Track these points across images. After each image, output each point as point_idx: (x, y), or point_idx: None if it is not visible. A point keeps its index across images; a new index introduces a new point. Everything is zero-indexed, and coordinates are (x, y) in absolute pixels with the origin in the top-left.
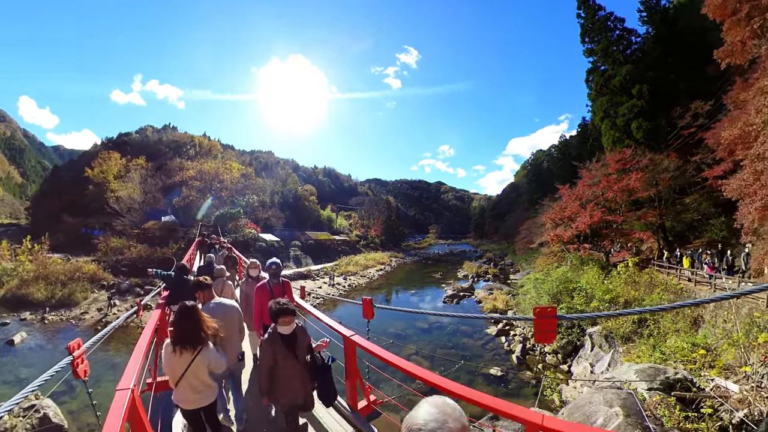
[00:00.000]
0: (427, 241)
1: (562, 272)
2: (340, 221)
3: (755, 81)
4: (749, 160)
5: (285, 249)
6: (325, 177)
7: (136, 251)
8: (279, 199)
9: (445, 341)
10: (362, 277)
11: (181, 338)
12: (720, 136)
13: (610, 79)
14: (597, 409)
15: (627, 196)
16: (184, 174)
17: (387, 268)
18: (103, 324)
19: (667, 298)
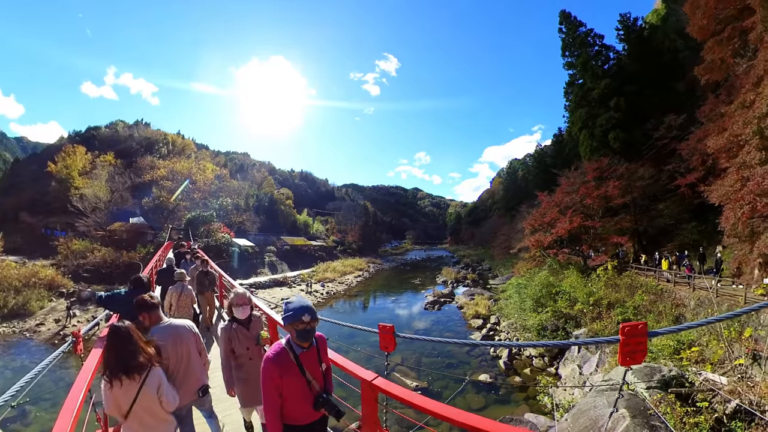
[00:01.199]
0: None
1: (544, 277)
2: (317, 226)
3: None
4: (735, 167)
5: (260, 255)
6: (302, 181)
7: (100, 255)
8: (254, 202)
9: (429, 349)
10: (340, 284)
11: (116, 367)
12: (693, 146)
13: (590, 91)
14: (603, 412)
15: (604, 202)
16: (155, 173)
17: (365, 274)
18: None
19: (648, 298)
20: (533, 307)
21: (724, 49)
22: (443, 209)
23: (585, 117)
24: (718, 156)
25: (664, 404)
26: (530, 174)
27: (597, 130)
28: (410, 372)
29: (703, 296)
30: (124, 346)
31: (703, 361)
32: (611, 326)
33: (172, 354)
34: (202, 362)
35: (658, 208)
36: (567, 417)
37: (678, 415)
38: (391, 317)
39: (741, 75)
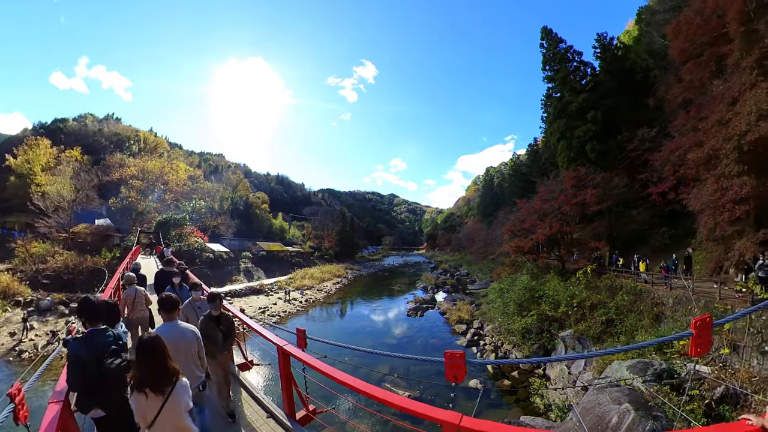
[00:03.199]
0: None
1: (526, 281)
2: (293, 231)
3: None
4: (714, 178)
5: (234, 261)
6: (278, 185)
7: (62, 259)
8: (229, 205)
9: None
10: (319, 291)
11: (143, 381)
12: (665, 157)
13: (568, 104)
14: (608, 408)
15: (581, 209)
16: (125, 171)
17: (344, 280)
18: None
19: (629, 299)
20: (517, 311)
21: (702, 71)
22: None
23: (563, 128)
24: (698, 167)
25: (662, 395)
26: (506, 182)
27: (575, 141)
28: (401, 382)
29: (680, 295)
30: (151, 360)
31: (686, 354)
32: (595, 326)
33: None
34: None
35: (632, 214)
36: (571, 416)
37: (675, 404)
38: (373, 325)
39: (716, 94)
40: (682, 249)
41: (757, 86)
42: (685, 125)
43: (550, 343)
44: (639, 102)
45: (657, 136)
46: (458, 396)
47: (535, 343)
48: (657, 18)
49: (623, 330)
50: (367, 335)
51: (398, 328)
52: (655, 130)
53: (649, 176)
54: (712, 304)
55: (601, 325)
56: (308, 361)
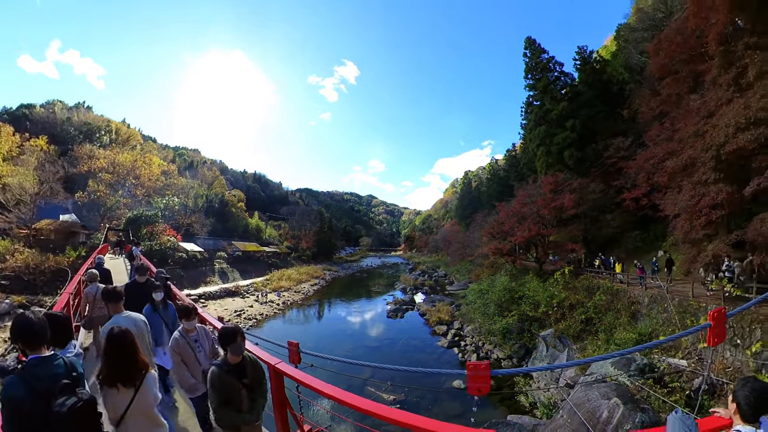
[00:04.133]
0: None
1: (506, 282)
2: (270, 231)
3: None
4: (692, 185)
5: (209, 261)
6: (255, 183)
7: (22, 258)
8: (203, 203)
9: (397, 358)
10: (296, 293)
11: (114, 375)
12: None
13: (548, 112)
14: (598, 403)
15: (559, 213)
16: (94, 163)
17: (321, 282)
18: None
19: (606, 298)
20: (497, 312)
21: (680, 86)
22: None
23: (543, 135)
24: (675, 174)
25: (647, 388)
26: (485, 185)
27: (554, 147)
28: (383, 384)
29: (655, 294)
30: (122, 354)
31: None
32: (575, 325)
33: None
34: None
35: (606, 218)
36: (562, 414)
37: (659, 397)
38: (353, 327)
39: (692, 108)
40: (653, 252)
41: (733, 101)
42: (660, 136)
43: (531, 343)
44: (615, 113)
45: (631, 145)
46: (441, 397)
47: (516, 343)
48: (635, 35)
49: (602, 328)
50: (348, 338)
51: (378, 330)
52: (630, 139)
53: (624, 183)
54: (686, 302)
55: (580, 324)
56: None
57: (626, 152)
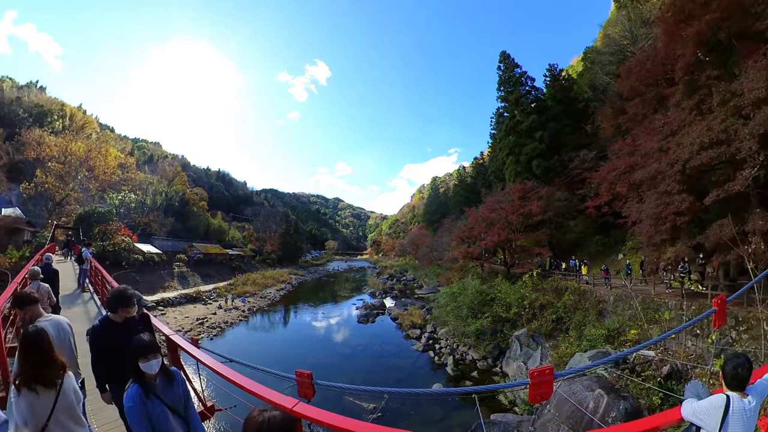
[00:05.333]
0: (325, 257)
1: (477, 285)
2: (233, 233)
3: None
4: (658, 194)
5: (167, 264)
6: (219, 181)
7: None
8: (163, 201)
9: (373, 364)
10: (262, 298)
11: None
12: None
13: (519, 124)
14: (583, 396)
15: (526, 219)
16: (43, 151)
17: (288, 286)
18: None
19: (574, 298)
20: (471, 314)
21: (646, 107)
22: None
23: (513, 145)
24: (637, 185)
25: (624, 379)
26: (452, 192)
27: (523, 157)
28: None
29: (620, 293)
30: (38, 354)
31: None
32: (546, 324)
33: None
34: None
35: (570, 224)
36: (550, 408)
37: (636, 385)
38: (323, 333)
39: (655, 127)
40: (613, 255)
41: (695, 123)
42: (622, 150)
43: (504, 343)
44: (579, 127)
45: (595, 158)
46: (421, 402)
47: (490, 344)
48: (601, 58)
49: (572, 326)
50: (319, 345)
51: (350, 336)
52: (594, 152)
53: (587, 192)
54: (649, 299)
55: (551, 323)
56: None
57: (590, 164)
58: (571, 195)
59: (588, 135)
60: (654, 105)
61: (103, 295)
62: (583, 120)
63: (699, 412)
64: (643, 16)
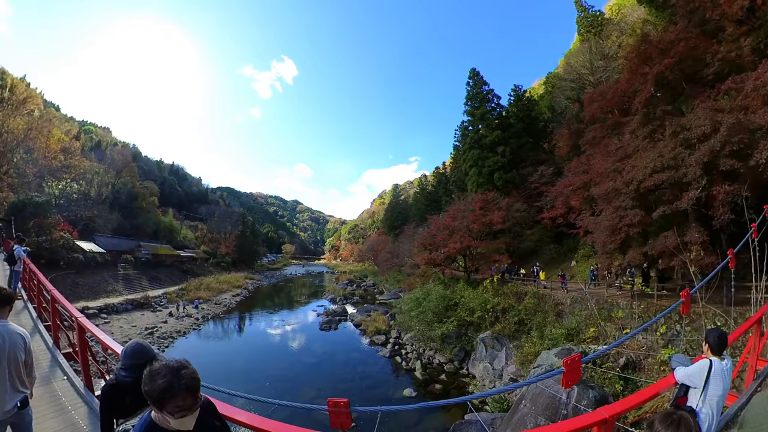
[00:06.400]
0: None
1: (441, 290)
2: (185, 233)
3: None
4: (613, 209)
5: (112, 265)
6: (172, 176)
7: None
8: (109, 193)
9: (341, 373)
10: (217, 305)
11: None
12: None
13: (483, 138)
14: (556, 388)
15: (487, 228)
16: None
17: (244, 292)
18: None
19: (534, 302)
20: (436, 319)
21: (603, 131)
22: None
23: (476, 158)
24: (593, 200)
25: (588, 371)
26: (413, 199)
27: (485, 169)
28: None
29: (576, 296)
30: None
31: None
32: (509, 326)
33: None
34: (27, 374)
35: (527, 233)
36: (525, 403)
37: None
38: (285, 342)
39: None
40: (566, 262)
41: (648, 149)
42: (578, 168)
43: (469, 345)
44: (538, 144)
45: (552, 173)
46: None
47: (456, 347)
48: (562, 84)
49: (534, 327)
50: (281, 355)
51: (314, 344)
52: (551, 168)
53: (543, 204)
54: (602, 300)
55: (514, 325)
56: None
57: (547, 179)
58: (529, 206)
59: (545, 152)
60: (610, 131)
61: (40, 304)
62: (542, 138)
63: (690, 374)
64: (603, 50)
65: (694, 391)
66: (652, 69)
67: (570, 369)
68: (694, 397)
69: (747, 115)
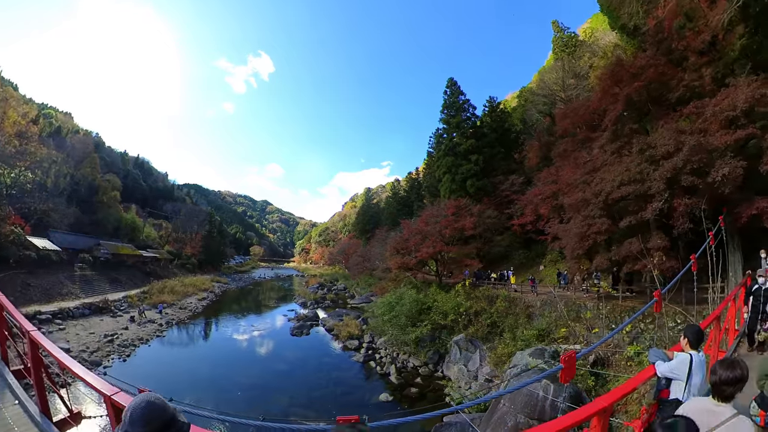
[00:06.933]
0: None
1: (414, 294)
2: (149, 231)
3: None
4: (583, 217)
5: (68, 265)
6: (137, 169)
7: None
8: (67, 185)
9: (314, 380)
10: (182, 309)
11: None
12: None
13: (457, 146)
14: (534, 386)
15: (459, 233)
16: None
17: (211, 295)
18: None
19: (505, 305)
20: (409, 323)
21: (574, 145)
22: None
23: (450, 165)
24: (564, 209)
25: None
26: (385, 203)
27: (459, 176)
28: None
29: (545, 298)
30: None
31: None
32: (482, 329)
33: None
34: None
35: (497, 239)
36: (503, 402)
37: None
38: (255, 349)
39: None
40: (534, 267)
41: (615, 164)
42: (547, 178)
43: (443, 348)
44: (510, 154)
45: (522, 183)
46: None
47: (430, 350)
48: (534, 98)
49: (506, 329)
50: (252, 362)
51: (285, 350)
52: (522, 178)
53: (514, 212)
54: (571, 302)
55: (487, 327)
56: None
57: (518, 188)
58: (499, 213)
59: (516, 162)
60: (580, 145)
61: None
62: (513, 149)
63: (673, 368)
64: (575, 70)
65: (677, 383)
66: (623, 90)
67: (568, 365)
68: (678, 389)
69: (706, 137)
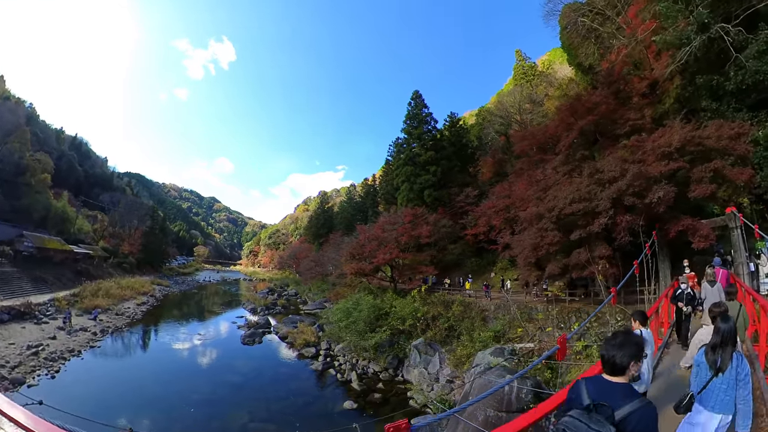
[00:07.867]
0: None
1: (371, 300)
2: (81, 223)
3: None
4: (537, 230)
5: None
6: (72, 150)
7: None
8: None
9: (271, 391)
10: (119, 315)
11: None
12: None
13: (417, 156)
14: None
15: (415, 240)
16: None
17: (151, 300)
18: None
19: (461, 309)
20: (368, 328)
21: (529, 164)
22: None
23: (409, 174)
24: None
25: (522, 364)
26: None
27: (417, 185)
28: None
29: (499, 302)
30: None
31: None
32: (440, 333)
33: None
34: None
35: (451, 247)
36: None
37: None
38: (203, 360)
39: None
40: (486, 274)
41: (567, 183)
42: (501, 193)
43: (402, 353)
44: (465, 168)
45: (476, 195)
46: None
47: (389, 355)
48: (492, 118)
49: (463, 332)
50: (201, 376)
51: (237, 361)
52: (476, 191)
53: (467, 222)
54: (523, 306)
55: (444, 331)
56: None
57: (472, 200)
58: (454, 223)
59: (471, 176)
60: (534, 165)
61: None
62: (469, 163)
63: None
64: (532, 96)
65: None
66: (578, 122)
67: (562, 346)
68: None
69: (645, 166)
